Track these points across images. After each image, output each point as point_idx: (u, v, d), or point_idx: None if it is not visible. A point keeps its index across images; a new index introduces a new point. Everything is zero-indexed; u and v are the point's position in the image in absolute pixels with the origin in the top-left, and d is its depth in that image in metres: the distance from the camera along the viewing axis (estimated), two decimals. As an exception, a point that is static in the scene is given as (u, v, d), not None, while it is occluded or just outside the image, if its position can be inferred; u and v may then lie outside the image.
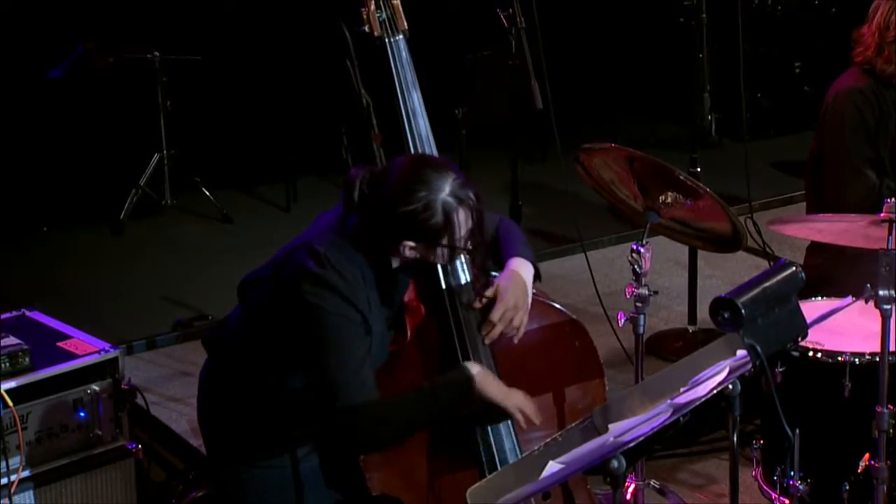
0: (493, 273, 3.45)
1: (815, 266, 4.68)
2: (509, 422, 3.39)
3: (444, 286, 3.37)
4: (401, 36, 3.44)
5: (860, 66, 4.71)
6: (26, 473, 3.71)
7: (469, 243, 3.23)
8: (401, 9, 3.45)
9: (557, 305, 3.57)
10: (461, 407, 3.30)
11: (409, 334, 3.38)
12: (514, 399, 3.31)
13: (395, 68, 3.42)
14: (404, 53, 3.45)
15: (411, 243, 3.20)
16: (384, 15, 3.42)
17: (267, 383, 3.32)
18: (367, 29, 3.44)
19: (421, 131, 3.45)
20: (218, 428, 3.45)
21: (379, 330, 3.29)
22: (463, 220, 3.19)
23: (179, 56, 7.25)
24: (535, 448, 2.68)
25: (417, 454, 3.40)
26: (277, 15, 7.75)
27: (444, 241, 3.19)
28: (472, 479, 3.23)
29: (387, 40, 3.42)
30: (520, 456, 3.39)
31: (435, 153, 3.42)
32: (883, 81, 4.69)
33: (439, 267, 3.36)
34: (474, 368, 3.28)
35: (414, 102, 3.44)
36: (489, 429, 3.39)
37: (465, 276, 3.39)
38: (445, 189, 3.16)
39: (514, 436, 3.41)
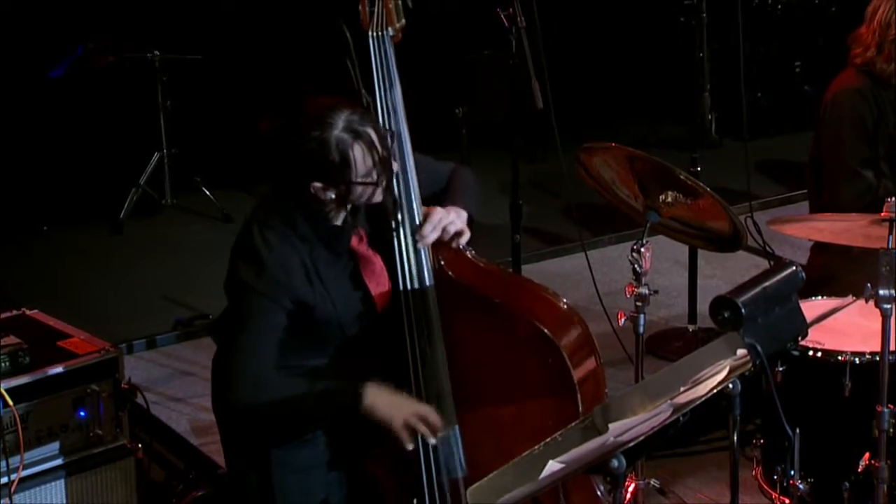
0: None
1: (819, 265, 4.68)
2: (452, 433, 3.34)
3: (401, 287, 3.34)
4: (389, 31, 3.41)
5: (858, 66, 4.71)
6: (27, 473, 3.70)
7: (377, 178, 3.22)
8: (396, 5, 3.42)
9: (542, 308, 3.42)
10: (344, 416, 3.27)
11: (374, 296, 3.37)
12: (400, 417, 3.23)
13: (374, 63, 3.40)
14: (387, 49, 3.41)
15: (318, 184, 3.22)
16: (374, 9, 3.42)
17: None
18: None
19: (398, 130, 3.36)
20: (230, 415, 3.45)
21: (340, 284, 3.30)
22: (360, 156, 3.20)
23: (180, 56, 7.25)
24: (535, 447, 2.68)
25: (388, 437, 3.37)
26: (277, 15, 7.75)
27: (347, 178, 3.20)
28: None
29: (370, 34, 3.41)
30: (462, 460, 3.36)
31: (409, 153, 3.37)
32: (882, 81, 4.68)
33: (398, 265, 3.33)
34: (368, 396, 3.21)
35: (394, 100, 3.41)
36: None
37: (429, 279, 3.35)
38: (339, 125, 3.18)
39: (458, 447, 3.36)
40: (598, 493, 3.39)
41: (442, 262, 3.40)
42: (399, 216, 3.35)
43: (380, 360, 3.33)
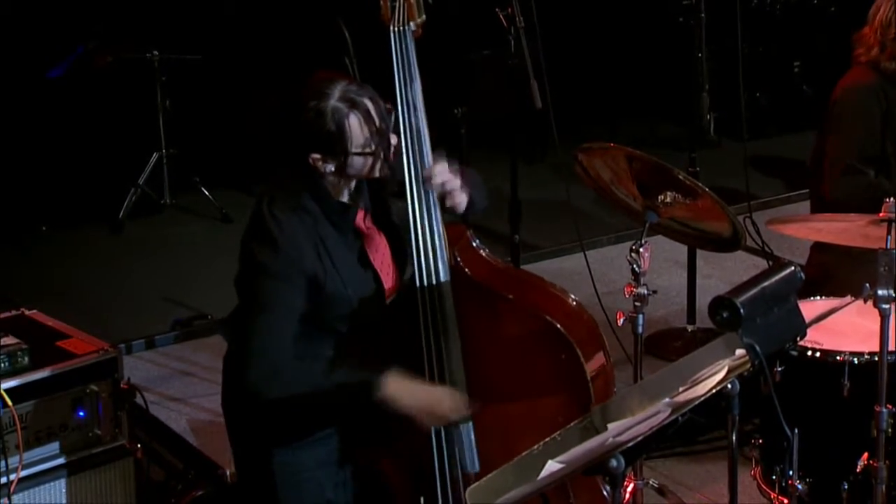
0: None
1: (819, 264, 4.68)
2: (465, 428, 3.34)
3: (417, 282, 3.33)
4: (410, 26, 3.40)
5: (864, 64, 4.73)
6: (26, 473, 3.71)
7: (374, 149, 3.22)
8: (417, 0, 3.41)
9: (550, 311, 3.41)
10: (362, 403, 3.26)
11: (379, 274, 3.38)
12: (420, 403, 3.24)
13: (395, 58, 3.39)
14: (408, 44, 3.40)
15: (317, 155, 3.22)
16: (396, 3, 3.40)
17: None
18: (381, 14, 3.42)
19: (417, 125, 3.37)
20: (240, 413, 3.45)
21: (348, 261, 3.29)
22: (356, 125, 3.20)
23: (179, 56, 7.25)
24: (535, 447, 2.68)
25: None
26: (277, 14, 7.75)
27: (344, 149, 3.20)
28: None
29: (392, 28, 3.40)
30: (476, 456, 3.36)
31: (428, 150, 3.36)
32: (888, 78, 4.70)
33: (415, 263, 3.33)
34: (388, 386, 3.21)
35: (414, 95, 3.40)
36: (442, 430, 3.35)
37: (444, 273, 3.34)
38: (335, 95, 3.18)
39: (472, 443, 3.36)
40: (605, 492, 3.40)
41: (458, 258, 3.40)
42: (417, 212, 3.33)
43: (393, 355, 3.32)
